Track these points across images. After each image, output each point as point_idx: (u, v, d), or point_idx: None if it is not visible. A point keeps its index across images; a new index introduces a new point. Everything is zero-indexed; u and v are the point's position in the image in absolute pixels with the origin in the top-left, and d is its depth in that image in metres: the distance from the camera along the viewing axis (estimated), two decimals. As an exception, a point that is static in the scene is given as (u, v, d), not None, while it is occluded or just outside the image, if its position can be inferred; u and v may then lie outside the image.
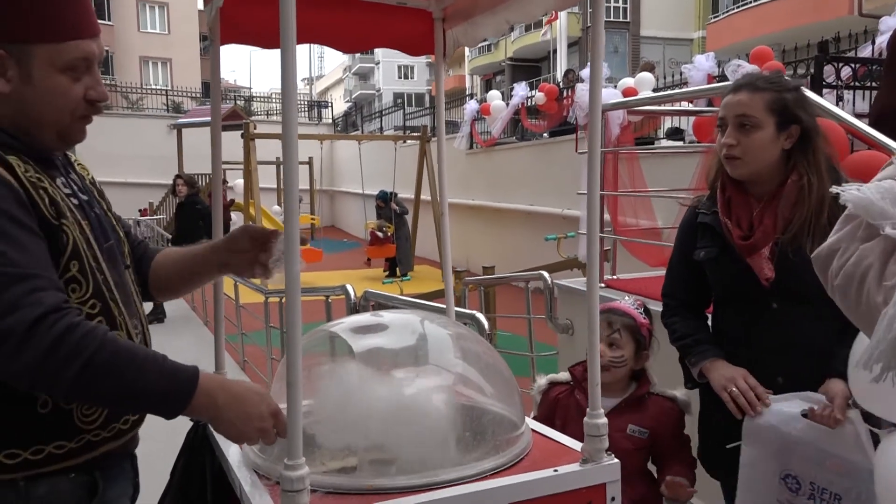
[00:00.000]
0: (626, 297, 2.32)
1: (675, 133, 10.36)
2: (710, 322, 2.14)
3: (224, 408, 1.28)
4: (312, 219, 18.69)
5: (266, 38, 1.90)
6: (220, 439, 1.67)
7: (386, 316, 1.88)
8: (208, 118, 2.05)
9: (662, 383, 2.24)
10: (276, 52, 1.18)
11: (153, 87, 29.71)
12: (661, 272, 4.45)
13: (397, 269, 14.00)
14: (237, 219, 16.49)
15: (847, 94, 5.84)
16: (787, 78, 1.98)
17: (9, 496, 1.24)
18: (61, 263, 1.26)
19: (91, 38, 1.31)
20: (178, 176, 10.21)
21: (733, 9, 21.06)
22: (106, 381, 1.17)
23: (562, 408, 2.16)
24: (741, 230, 1.92)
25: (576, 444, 1.61)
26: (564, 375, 2.26)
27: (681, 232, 2.14)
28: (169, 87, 28.48)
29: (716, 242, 1.98)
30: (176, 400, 1.24)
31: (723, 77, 6.91)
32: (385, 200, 14.12)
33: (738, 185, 1.95)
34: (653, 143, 10.09)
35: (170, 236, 10.58)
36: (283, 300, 1.27)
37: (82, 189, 1.42)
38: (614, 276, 4.36)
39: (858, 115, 4.97)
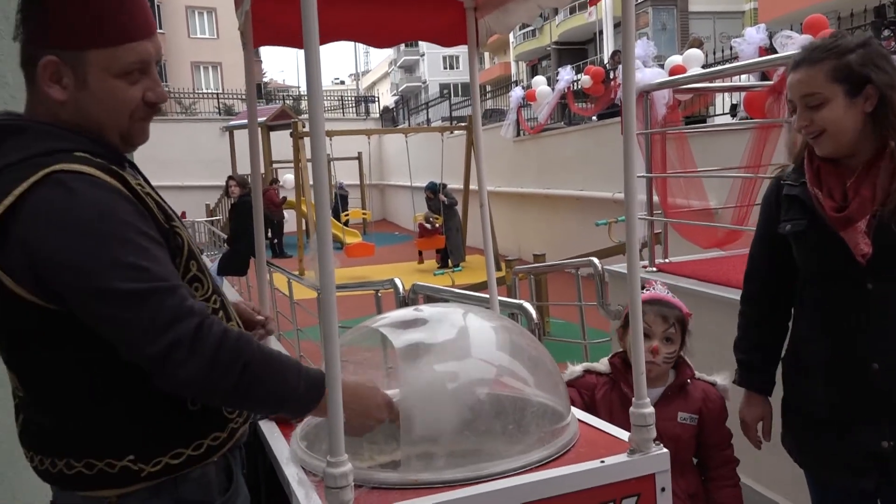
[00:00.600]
0: (657, 283, 2.25)
1: (734, 109, 10.05)
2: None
3: (346, 406, 1.31)
4: (364, 213, 18.86)
5: (297, 38, 1.92)
6: (269, 436, 1.70)
7: (427, 310, 1.88)
8: (259, 118, 2.08)
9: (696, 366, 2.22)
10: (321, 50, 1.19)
11: (205, 91, 30.41)
12: (715, 254, 4.37)
13: (449, 260, 14.01)
14: (290, 217, 16.79)
15: (908, 60, 5.56)
16: (848, 37, 1.79)
17: (168, 485, 1.29)
18: (181, 265, 1.29)
19: (146, 38, 1.27)
20: (230, 177, 10.46)
21: (786, -23, 20.29)
22: (261, 384, 1.22)
23: (606, 402, 2.11)
24: (834, 201, 1.75)
25: (623, 434, 1.58)
26: (600, 366, 2.22)
27: (763, 207, 1.99)
28: (220, 91, 29.09)
29: (804, 215, 1.82)
30: (310, 401, 1.30)
31: (772, 50, 6.65)
32: (434, 192, 14.12)
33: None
34: (704, 121, 9.83)
35: (225, 236, 10.82)
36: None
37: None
38: (666, 260, 4.28)
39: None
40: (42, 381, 1.26)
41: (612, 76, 11.51)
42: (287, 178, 17.14)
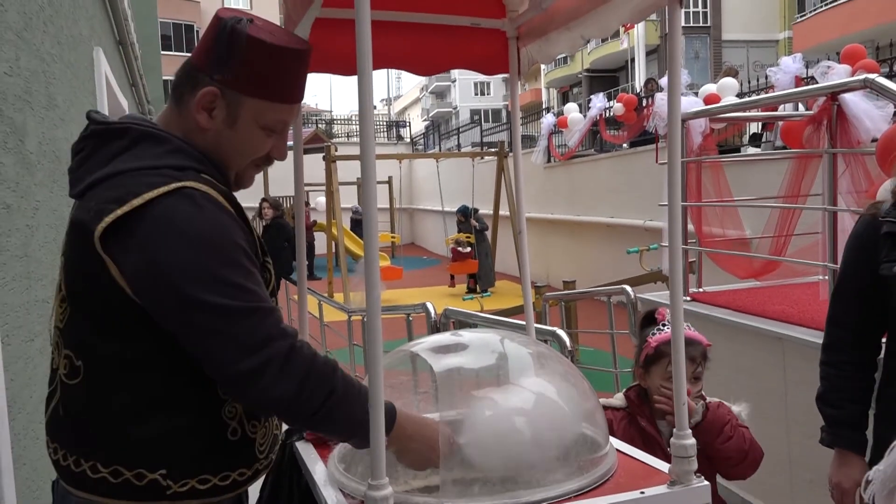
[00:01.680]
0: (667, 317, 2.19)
1: (755, 139, 9.97)
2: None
3: (413, 437, 1.36)
4: (393, 237, 18.95)
5: (345, 65, 1.95)
6: (306, 458, 1.71)
7: (466, 335, 1.88)
8: (292, 142, 2.12)
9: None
10: (355, 77, 1.22)
11: (240, 114, 30.96)
12: (750, 284, 4.31)
13: (477, 285, 13.98)
14: (319, 238, 16.92)
15: (950, 91, 5.48)
16: None
17: None
18: None
19: (295, 103, 1.41)
20: (263, 199, 10.58)
21: (821, 6, 20.23)
22: (342, 408, 1.26)
23: (626, 437, 2.05)
24: None
25: (662, 465, 1.56)
26: (616, 401, 2.18)
27: (854, 247, 1.85)
28: (254, 114, 29.58)
29: None
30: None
31: (811, 80, 6.60)
32: (465, 215, 14.16)
33: None
34: (738, 150, 9.75)
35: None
36: (365, 319, 1.31)
37: None
38: (700, 290, 4.23)
39: (963, 114, 4.65)
40: (104, 374, 1.28)
41: (644, 104, 11.50)
42: (319, 200, 17.31)
